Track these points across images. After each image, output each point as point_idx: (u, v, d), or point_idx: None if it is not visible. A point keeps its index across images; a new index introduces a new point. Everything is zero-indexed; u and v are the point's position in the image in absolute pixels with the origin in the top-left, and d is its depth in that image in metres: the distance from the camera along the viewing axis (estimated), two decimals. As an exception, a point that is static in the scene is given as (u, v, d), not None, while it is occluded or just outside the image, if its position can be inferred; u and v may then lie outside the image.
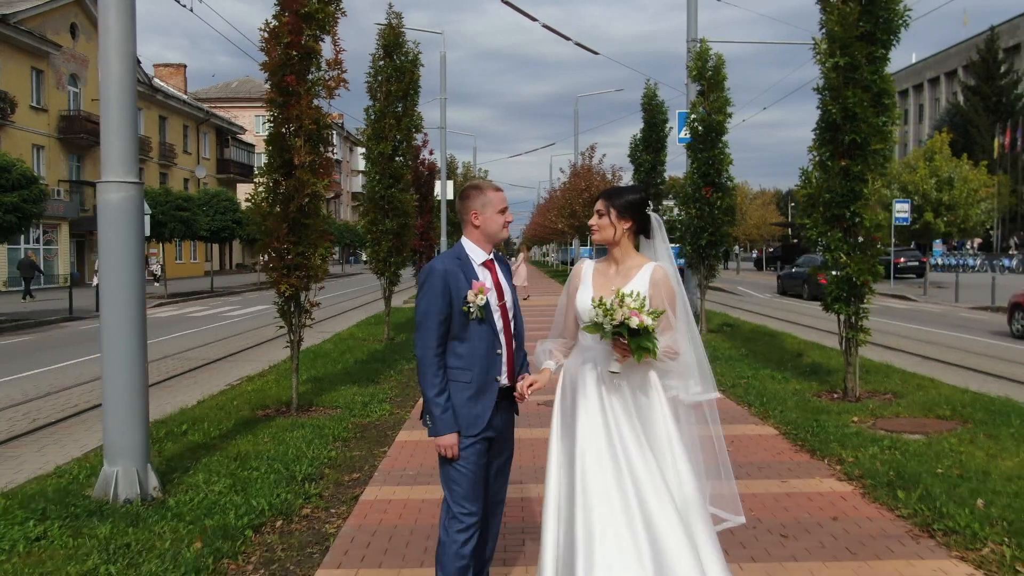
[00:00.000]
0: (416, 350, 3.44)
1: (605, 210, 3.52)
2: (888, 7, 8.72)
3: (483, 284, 3.45)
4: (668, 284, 3.40)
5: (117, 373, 5.63)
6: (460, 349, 3.45)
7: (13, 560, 4.52)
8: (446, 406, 3.41)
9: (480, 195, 3.60)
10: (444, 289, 3.40)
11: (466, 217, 3.61)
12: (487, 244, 3.60)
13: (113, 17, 5.53)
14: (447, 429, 3.41)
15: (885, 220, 8.98)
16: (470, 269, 3.49)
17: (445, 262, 3.49)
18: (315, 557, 4.68)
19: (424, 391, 3.43)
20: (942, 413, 7.97)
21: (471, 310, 3.40)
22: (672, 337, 3.36)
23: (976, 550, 4.53)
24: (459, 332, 3.44)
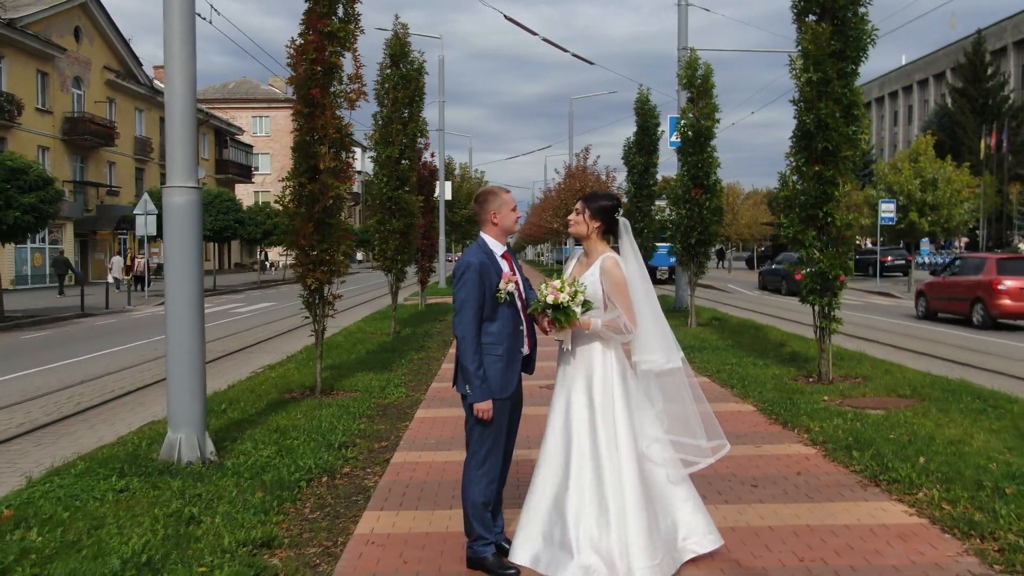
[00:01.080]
0: (457, 331, 4.27)
1: (582, 210, 4.46)
2: (857, 27, 9.63)
3: (509, 275, 4.33)
4: (614, 272, 4.28)
5: (180, 352, 6.49)
6: (492, 328, 4.30)
7: (107, 506, 5.38)
8: (484, 376, 4.25)
9: (496, 198, 4.49)
10: (479, 280, 4.25)
11: (486, 217, 4.48)
12: (503, 237, 4.49)
13: (177, 45, 6.40)
14: (485, 396, 4.24)
15: (855, 220, 9.88)
16: (495, 261, 4.37)
17: (479, 256, 4.33)
18: (360, 503, 5.56)
19: (465, 365, 4.24)
20: (903, 393, 8.90)
21: (502, 296, 4.28)
22: (616, 314, 4.24)
23: (912, 494, 5.44)
24: (490, 314, 4.29)
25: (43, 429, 8.71)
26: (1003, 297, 17.34)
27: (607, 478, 4.13)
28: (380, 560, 4.56)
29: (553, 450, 4.26)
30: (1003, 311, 17.46)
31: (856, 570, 4.32)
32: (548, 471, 4.25)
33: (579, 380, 4.29)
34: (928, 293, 20.53)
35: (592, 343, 4.29)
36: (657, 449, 4.30)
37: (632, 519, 4.07)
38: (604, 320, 4.24)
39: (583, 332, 4.26)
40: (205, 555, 4.44)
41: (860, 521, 5.05)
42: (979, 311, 18.03)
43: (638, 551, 4.03)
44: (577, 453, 4.18)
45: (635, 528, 4.06)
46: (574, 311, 4.12)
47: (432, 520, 5.21)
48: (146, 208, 29.03)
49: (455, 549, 4.64)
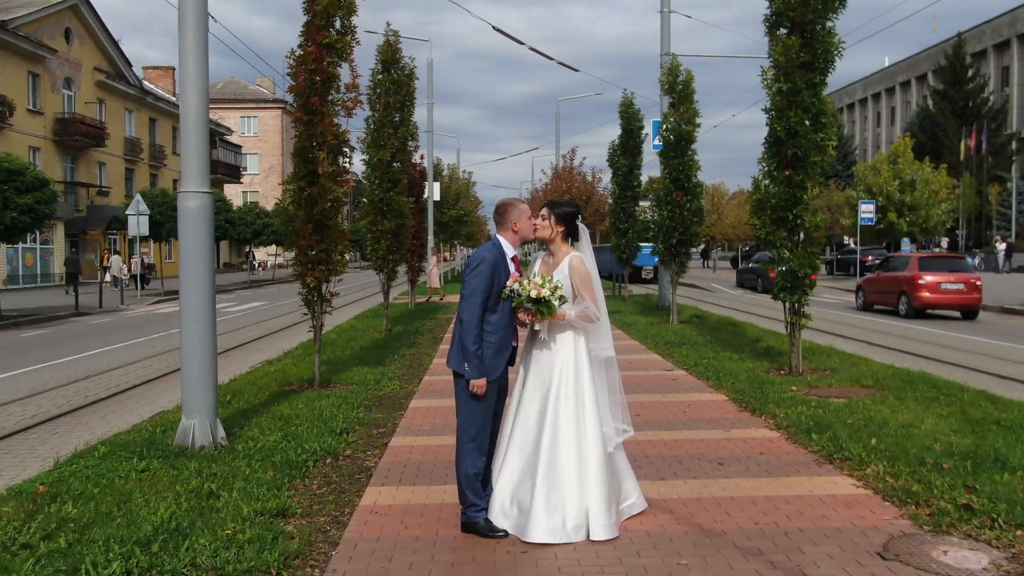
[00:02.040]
0: (463, 315, 4.84)
1: (548, 216, 5.10)
2: (825, 40, 10.24)
3: (516, 275, 4.89)
4: (581, 268, 4.94)
5: (194, 344, 7.02)
6: (492, 318, 4.87)
7: (131, 483, 5.90)
8: (482, 357, 4.81)
9: (516, 209, 5.08)
10: (491, 273, 4.82)
11: (506, 224, 5.05)
12: (518, 243, 5.07)
13: (191, 60, 6.92)
14: (481, 374, 4.81)
15: (822, 222, 10.49)
16: (506, 261, 4.95)
17: (493, 254, 4.90)
18: (362, 480, 6.11)
19: (467, 345, 4.79)
20: (866, 383, 9.52)
21: (507, 292, 4.84)
22: (584, 305, 4.89)
23: (861, 470, 6.04)
24: (493, 305, 4.87)
25: (57, 420, 9.21)
26: (923, 291, 20.12)
27: (582, 451, 4.75)
28: (384, 527, 5.12)
29: (527, 424, 4.86)
30: (923, 303, 20.20)
31: (804, 531, 4.91)
32: (522, 442, 4.84)
33: (556, 364, 4.88)
34: (865, 287, 23.22)
35: (566, 331, 4.91)
36: (609, 424, 4.92)
37: (595, 486, 4.73)
38: (576, 311, 4.86)
39: (558, 322, 4.85)
40: (227, 522, 4.98)
41: (812, 492, 5.65)
42: (904, 303, 20.79)
43: (597, 513, 4.72)
44: (551, 429, 4.78)
45: (597, 494, 4.73)
46: (554, 304, 4.71)
47: (429, 494, 5.76)
48: (138, 209, 29.40)
49: (450, 517, 5.20)
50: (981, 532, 4.76)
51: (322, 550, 4.72)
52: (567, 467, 4.74)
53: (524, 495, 4.79)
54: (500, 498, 4.86)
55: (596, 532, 4.71)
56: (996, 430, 7.02)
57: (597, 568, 4.38)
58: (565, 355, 4.90)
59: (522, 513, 4.77)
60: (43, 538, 4.76)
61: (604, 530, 4.72)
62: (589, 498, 4.73)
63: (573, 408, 4.82)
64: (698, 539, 4.79)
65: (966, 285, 20.08)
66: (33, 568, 4.32)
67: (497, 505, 4.86)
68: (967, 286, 20.08)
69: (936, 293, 20.07)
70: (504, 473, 4.88)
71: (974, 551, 4.52)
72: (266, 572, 4.34)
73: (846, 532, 4.88)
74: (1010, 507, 4.98)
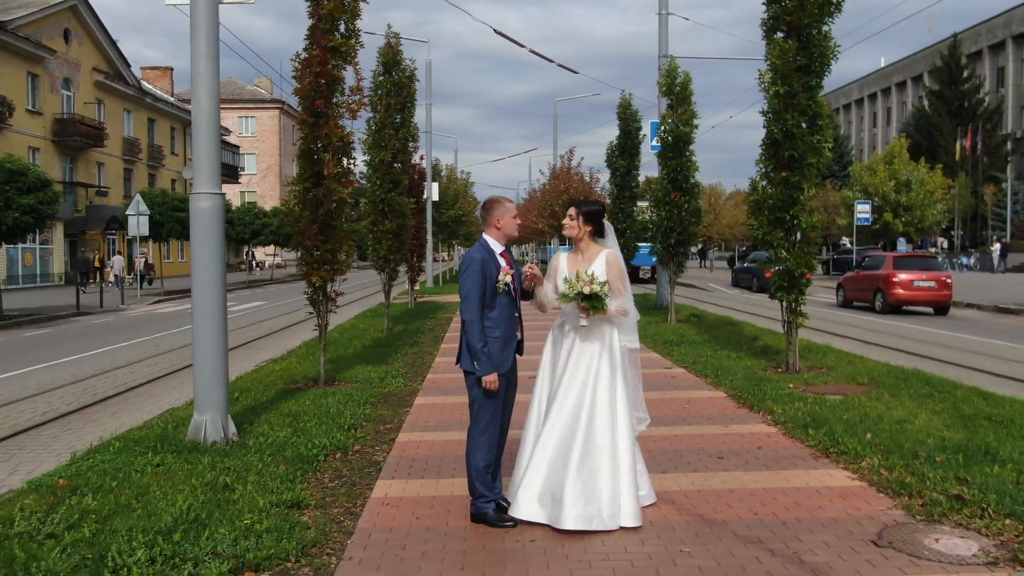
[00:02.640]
0: (464, 315, 5.03)
1: (576, 215, 5.29)
2: (821, 44, 10.43)
3: (507, 269, 5.07)
4: (617, 264, 5.18)
5: (206, 342, 7.19)
6: (492, 314, 5.06)
7: (148, 477, 6.07)
8: (489, 353, 5.00)
9: (501, 206, 5.24)
10: (481, 273, 5.01)
11: (490, 221, 5.22)
12: (504, 239, 5.23)
13: (203, 64, 7.09)
14: (491, 369, 4.99)
15: (819, 222, 10.68)
16: (495, 258, 5.12)
17: (481, 253, 5.09)
18: (372, 474, 6.29)
19: (473, 343, 4.99)
20: (861, 380, 9.71)
21: (500, 287, 5.02)
22: (621, 301, 5.11)
23: (856, 464, 6.23)
24: (491, 302, 5.05)
25: (67, 417, 9.37)
26: (897, 288, 21.36)
27: (616, 440, 4.96)
28: (396, 517, 5.29)
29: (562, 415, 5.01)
30: (897, 299, 21.43)
31: (801, 521, 5.09)
32: (559, 433, 4.99)
33: (594, 357, 5.07)
34: (845, 285, 24.49)
35: (603, 325, 5.14)
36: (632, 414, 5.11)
37: (626, 475, 4.93)
38: (615, 306, 5.08)
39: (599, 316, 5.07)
40: (244, 513, 5.15)
41: (809, 485, 5.83)
42: (880, 299, 22.02)
43: (629, 501, 4.93)
44: (587, 419, 4.96)
45: (628, 482, 4.93)
46: (605, 300, 4.97)
47: (438, 487, 5.94)
48: (138, 209, 29.54)
49: (459, 508, 5.38)
50: (972, 521, 4.95)
51: (337, 539, 4.89)
52: (603, 456, 4.91)
53: (557, 485, 4.92)
54: (535, 489, 4.98)
55: (628, 519, 4.90)
56: (988, 425, 7.21)
57: (603, 555, 4.56)
58: (602, 348, 5.10)
59: (556, 502, 4.90)
60: (67, 528, 4.93)
61: (635, 518, 4.91)
62: (622, 486, 4.91)
63: (608, 399, 5.01)
64: (699, 528, 4.97)
65: (937, 283, 21.32)
66: (60, 556, 4.49)
67: (533, 496, 4.97)
68: (938, 284, 21.32)
69: (909, 290, 21.31)
70: (534, 464, 5.01)
71: (964, 539, 4.70)
72: (285, 559, 4.51)
73: (842, 521, 5.06)
74: (999, 497, 5.17)
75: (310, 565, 4.50)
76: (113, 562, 4.38)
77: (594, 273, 5.04)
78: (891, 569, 4.33)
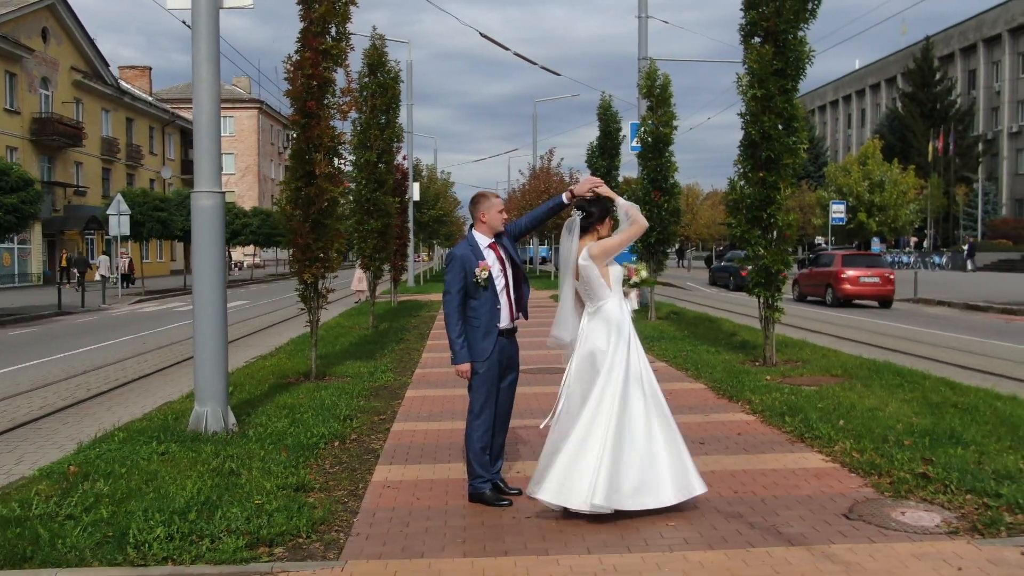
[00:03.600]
0: (444, 308, 5.37)
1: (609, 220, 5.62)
2: (796, 49, 10.82)
3: (485, 264, 5.35)
4: None
5: (206, 335, 7.43)
6: (473, 304, 5.37)
7: (155, 464, 6.32)
8: (463, 344, 5.31)
9: (486, 201, 5.55)
10: (461, 267, 5.32)
11: (477, 215, 5.54)
12: (491, 233, 5.53)
13: (204, 68, 7.34)
14: (462, 359, 5.31)
15: (795, 221, 11.07)
16: (479, 252, 5.40)
17: (462, 249, 5.41)
18: (371, 461, 6.57)
19: (449, 335, 5.33)
20: (835, 372, 10.12)
21: (479, 281, 5.33)
22: None
23: (830, 447, 6.60)
24: (472, 294, 5.36)
25: (64, 411, 9.57)
26: (845, 283, 23.41)
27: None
28: (397, 498, 5.59)
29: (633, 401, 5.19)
30: (846, 294, 23.43)
31: (778, 498, 5.44)
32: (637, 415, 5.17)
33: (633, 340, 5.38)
34: (800, 281, 26.18)
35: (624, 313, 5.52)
36: None
37: None
38: None
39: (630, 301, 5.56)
40: (253, 495, 5.42)
41: (785, 466, 6.19)
42: (830, 294, 24.08)
43: None
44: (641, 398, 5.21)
45: None
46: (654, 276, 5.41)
47: (435, 471, 6.24)
48: (119, 209, 29.52)
49: (457, 490, 5.68)
50: (936, 497, 5.32)
51: (344, 518, 5.18)
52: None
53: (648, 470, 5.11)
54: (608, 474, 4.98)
55: None
56: (953, 412, 7.61)
57: (594, 529, 4.88)
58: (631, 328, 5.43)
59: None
60: (84, 510, 5.18)
61: None
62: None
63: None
64: (683, 506, 5.29)
65: (881, 279, 23.38)
66: (82, 534, 4.75)
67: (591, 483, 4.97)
68: (882, 279, 23.38)
69: (856, 285, 23.38)
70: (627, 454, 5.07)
71: (929, 512, 5.07)
72: (297, 535, 4.80)
73: (816, 498, 5.42)
74: (961, 475, 5.55)
75: (320, 541, 4.78)
76: (134, 538, 4.64)
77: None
78: (861, 538, 4.68)
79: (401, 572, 4.34)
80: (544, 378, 10.10)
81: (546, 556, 4.50)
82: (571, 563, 4.40)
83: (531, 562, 4.42)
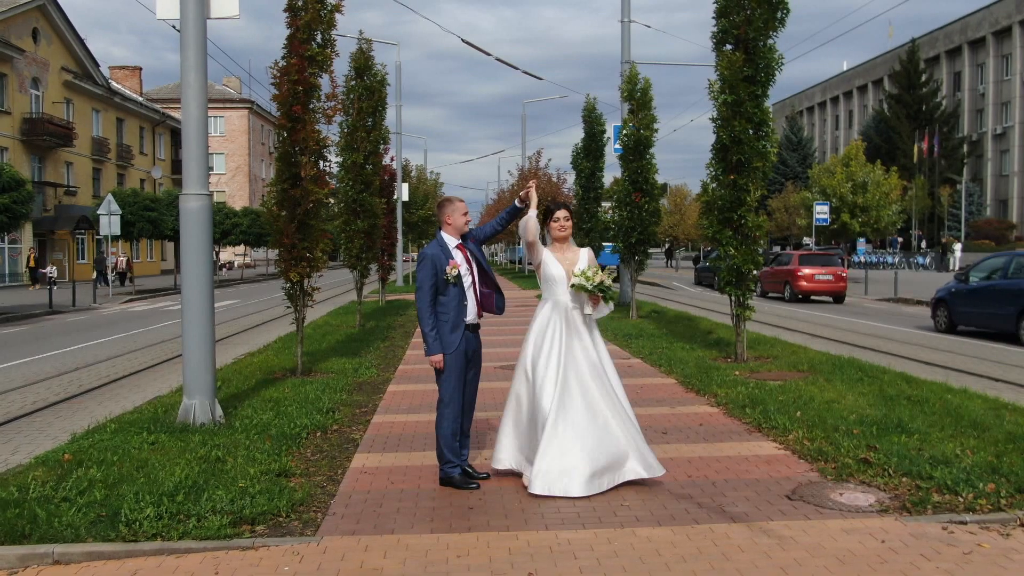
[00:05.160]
0: (417, 303, 5.77)
1: (568, 217, 6.06)
2: (766, 56, 11.23)
3: (455, 262, 5.75)
4: (594, 260, 5.94)
5: (194, 330, 7.79)
6: (443, 300, 5.77)
7: (145, 452, 6.67)
8: (436, 336, 5.71)
9: (450, 205, 5.97)
10: (432, 265, 5.73)
11: (443, 218, 5.96)
12: (457, 234, 5.93)
13: (192, 75, 7.69)
14: (436, 351, 5.72)
15: (764, 222, 11.48)
16: (448, 252, 5.81)
17: (433, 249, 5.83)
18: (350, 449, 6.94)
19: (421, 328, 5.74)
20: (801, 368, 10.53)
21: (448, 278, 5.72)
22: None
23: (784, 437, 7.00)
24: (442, 290, 5.76)
25: (57, 405, 9.90)
26: (802, 280, 25.66)
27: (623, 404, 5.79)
28: (373, 482, 5.96)
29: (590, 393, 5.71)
30: (802, 290, 25.73)
31: (728, 481, 5.84)
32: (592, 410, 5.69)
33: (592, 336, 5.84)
34: (762, 278, 26.86)
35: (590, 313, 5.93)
36: None
37: None
38: None
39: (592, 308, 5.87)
40: (238, 480, 5.78)
41: (740, 454, 6.59)
42: (787, 290, 26.38)
43: None
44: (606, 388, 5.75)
45: None
46: (615, 288, 5.82)
47: (410, 459, 6.62)
48: (110, 209, 29.78)
49: (429, 475, 6.06)
50: (874, 480, 5.73)
51: (322, 500, 5.55)
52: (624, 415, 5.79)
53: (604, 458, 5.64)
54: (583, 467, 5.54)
55: None
56: (905, 404, 8.03)
57: (553, 508, 5.27)
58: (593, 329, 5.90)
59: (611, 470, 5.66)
60: (79, 493, 5.53)
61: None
62: None
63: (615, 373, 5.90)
64: (639, 489, 5.68)
65: (834, 276, 25.48)
66: (77, 514, 5.10)
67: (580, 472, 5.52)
68: (835, 277, 25.48)
69: (812, 283, 25.58)
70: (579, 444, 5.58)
71: (865, 493, 5.47)
72: (277, 515, 5.17)
73: (763, 482, 5.82)
74: (900, 460, 5.96)
75: (299, 519, 5.15)
76: (126, 517, 5.01)
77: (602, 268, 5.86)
78: (798, 516, 5.08)
79: (372, 546, 4.71)
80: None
81: (506, 532, 4.89)
82: (528, 538, 4.78)
83: (492, 537, 4.80)
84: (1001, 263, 16.11)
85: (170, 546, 4.72)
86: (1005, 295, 15.14)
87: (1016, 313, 14.66)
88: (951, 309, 16.78)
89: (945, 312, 17.00)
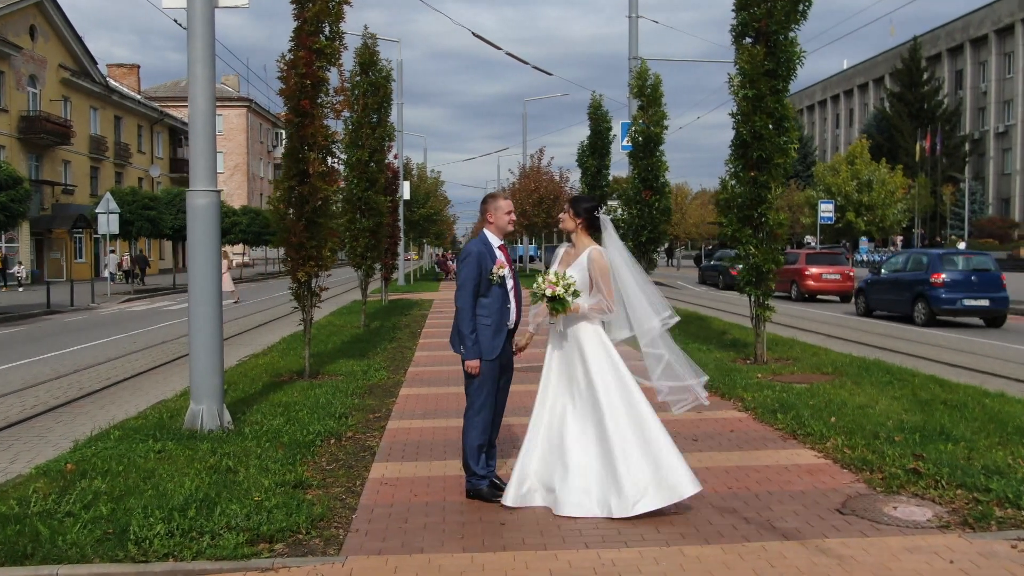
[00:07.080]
0: (458, 302, 5.38)
1: (568, 210, 5.58)
2: (787, 50, 10.90)
3: (501, 261, 5.42)
4: (600, 261, 5.31)
5: (202, 333, 7.44)
6: (484, 302, 5.41)
7: (152, 462, 6.33)
8: (476, 340, 5.35)
9: (494, 202, 5.61)
10: (477, 264, 5.36)
11: (486, 216, 5.60)
12: (500, 233, 5.59)
13: (200, 68, 7.35)
14: (474, 355, 5.35)
15: (786, 220, 11.17)
16: (492, 251, 5.47)
17: (477, 246, 5.45)
18: (367, 458, 6.61)
19: (462, 329, 5.35)
20: (826, 370, 10.21)
21: (494, 278, 5.38)
22: (599, 298, 5.29)
23: (822, 444, 6.68)
24: (484, 292, 5.40)
25: (57, 410, 9.56)
26: (809, 280, 25.71)
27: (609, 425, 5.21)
28: (395, 495, 5.63)
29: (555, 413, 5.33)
30: (809, 289, 25.77)
31: (772, 493, 5.52)
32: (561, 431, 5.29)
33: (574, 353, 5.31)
34: None
35: (579, 322, 5.33)
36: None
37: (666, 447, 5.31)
38: (591, 303, 5.29)
39: (575, 315, 5.31)
40: (252, 492, 5.44)
41: (778, 463, 6.27)
42: (794, 289, 26.23)
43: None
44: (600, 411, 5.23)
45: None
46: (568, 300, 5.20)
47: (431, 468, 6.28)
48: (108, 207, 29.43)
49: (454, 486, 5.73)
50: (927, 492, 5.40)
51: (342, 514, 5.22)
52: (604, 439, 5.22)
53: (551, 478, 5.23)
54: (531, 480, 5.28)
55: None
56: (943, 409, 7.71)
57: (592, 524, 4.94)
58: (590, 344, 5.29)
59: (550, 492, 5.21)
60: (83, 507, 5.20)
61: None
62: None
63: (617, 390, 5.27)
64: (679, 503, 5.35)
65: (841, 275, 25.62)
66: (83, 531, 4.77)
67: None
68: (842, 276, 25.60)
69: (819, 282, 25.65)
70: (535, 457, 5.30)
71: (920, 507, 5.15)
72: (296, 532, 4.83)
73: (809, 494, 5.49)
74: (952, 471, 5.63)
75: (320, 536, 4.82)
76: (135, 535, 4.67)
77: (566, 273, 5.27)
78: (854, 532, 4.76)
79: (401, 567, 4.38)
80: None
81: (544, 551, 4.56)
82: (569, 558, 4.45)
83: (530, 557, 4.48)
84: (901, 261, 20.23)
85: (183, 567, 4.39)
86: (903, 285, 19.01)
87: (911, 299, 18.50)
88: (867, 297, 20.49)
89: (863, 299, 20.68)
